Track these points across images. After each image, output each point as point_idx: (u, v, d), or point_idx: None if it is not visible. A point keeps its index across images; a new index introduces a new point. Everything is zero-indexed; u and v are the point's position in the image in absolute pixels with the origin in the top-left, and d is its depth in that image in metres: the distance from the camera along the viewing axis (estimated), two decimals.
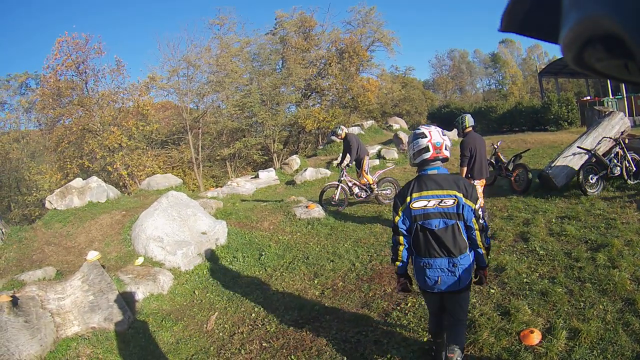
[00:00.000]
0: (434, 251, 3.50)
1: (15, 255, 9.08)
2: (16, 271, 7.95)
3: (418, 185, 3.57)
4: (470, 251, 3.56)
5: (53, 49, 21.52)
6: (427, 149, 3.54)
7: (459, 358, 3.61)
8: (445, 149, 3.59)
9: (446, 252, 3.48)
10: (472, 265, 3.63)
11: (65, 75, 22.23)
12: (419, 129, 3.68)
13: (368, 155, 11.75)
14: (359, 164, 11.45)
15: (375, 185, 11.26)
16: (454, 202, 3.47)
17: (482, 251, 3.57)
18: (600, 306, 4.85)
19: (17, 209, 25.75)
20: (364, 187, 11.37)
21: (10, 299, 5.73)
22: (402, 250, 3.67)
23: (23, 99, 28.69)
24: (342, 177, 11.32)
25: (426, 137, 3.56)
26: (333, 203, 11.41)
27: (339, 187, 11.26)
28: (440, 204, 3.49)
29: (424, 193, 3.52)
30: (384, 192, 11.41)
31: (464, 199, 3.47)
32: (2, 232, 10.05)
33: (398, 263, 3.72)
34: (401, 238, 3.64)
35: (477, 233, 3.52)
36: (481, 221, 3.56)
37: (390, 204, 10.36)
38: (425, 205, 3.51)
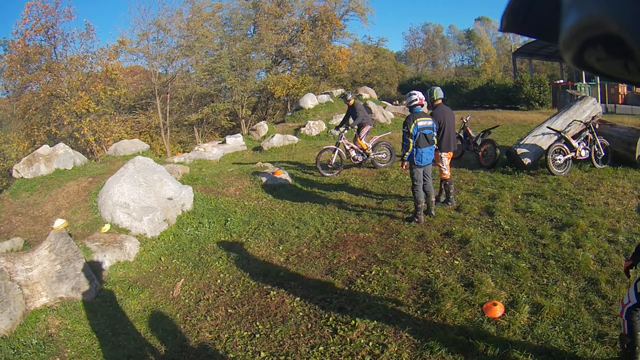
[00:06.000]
0: (426, 143, 7.11)
1: None
2: None
3: (417, 116, 7.11)
4: (435, 144, 7.37)
5: (22, 14, 21.16)
6: (416, 100, 7.29)
7: (434, 190, 7.73)
8: (424, 100, 7.49)
9: (429, 144, 7.15)
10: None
11: (34, 40, 21.85)
12: (412, 92, 7.53)
13: (371, 125, 12.00)
14: (359, 129, 11.72)
15: (371, 151, 11.57)
16: (432, 123, 7.23)
17: (435, 146, 7.42)
18: (564, 284, 5.07)
19: None
20: (361, 151, 11.67)
21: None
22: (411, 146, 7.06)
23: None
24: (340, 139, 11.50)
25: (416, 95, 7.37)
26: (330, 166, 11.56)
27: (336, 151, 11.40)
28: (427, 123, 7.13)
29: (421, 118, 7.10)
30: (379, 155, 11.72)
31: (434, 122, 7.32)
32: None
33: (408, 153, 7.14)
34: (410, 140, 7.02)
35: (435, 138, 7.30)
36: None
37: (386, 167, 11.65)
38: (424, 123, 7.07)
